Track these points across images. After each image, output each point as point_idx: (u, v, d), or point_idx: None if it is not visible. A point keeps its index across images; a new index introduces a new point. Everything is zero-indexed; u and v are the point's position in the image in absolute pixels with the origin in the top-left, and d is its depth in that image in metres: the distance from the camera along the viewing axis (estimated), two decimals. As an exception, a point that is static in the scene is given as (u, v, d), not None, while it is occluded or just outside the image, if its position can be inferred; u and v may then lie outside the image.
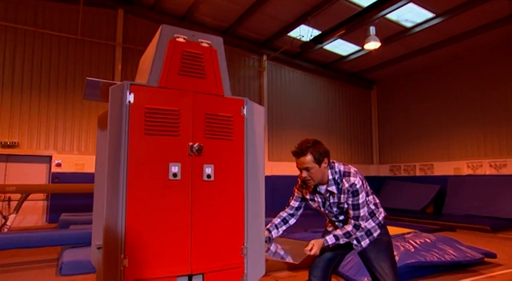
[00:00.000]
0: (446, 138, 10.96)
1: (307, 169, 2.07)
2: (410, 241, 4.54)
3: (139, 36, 9.37)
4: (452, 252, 4.26)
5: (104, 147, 1.94)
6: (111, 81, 1.67)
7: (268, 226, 2.29)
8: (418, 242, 4.46)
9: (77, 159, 8.36)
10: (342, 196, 2.12)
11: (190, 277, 1.62)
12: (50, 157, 8.17)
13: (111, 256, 1.48)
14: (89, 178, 8.07)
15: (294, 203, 2.34)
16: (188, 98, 1.70)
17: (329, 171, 2.12)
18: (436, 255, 4.14)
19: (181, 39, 1.73)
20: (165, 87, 1.65)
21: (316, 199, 2.24)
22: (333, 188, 2.12)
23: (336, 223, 2.29)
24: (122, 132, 1.52)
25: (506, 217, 8.38)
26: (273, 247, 2.17)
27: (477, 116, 10.23)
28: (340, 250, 2.27)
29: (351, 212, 2.11)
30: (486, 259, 4.45)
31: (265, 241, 2.22)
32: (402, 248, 4.21)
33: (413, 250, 4.22)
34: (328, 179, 2.13)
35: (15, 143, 7.78)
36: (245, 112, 1.87)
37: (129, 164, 1.52)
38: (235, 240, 1.75)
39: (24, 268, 4.37)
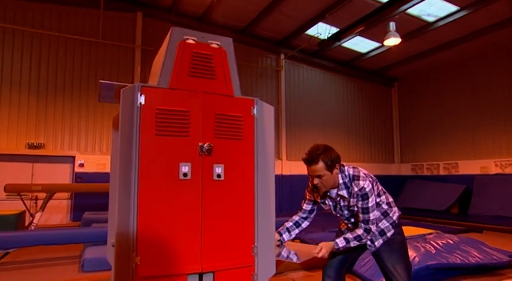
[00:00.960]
0: (472, 136, 10.54)
1: (319, 177, 2.05)
2: (431, 242, 4.40)
3: (158, 38, 9.54)
4: (477, 254, 4.10)
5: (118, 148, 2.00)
6: (123, 84, 1.71)
7: (279, 229, 2.27)
8: (440, 244, 4.32)
9: (98, 159, 8.61)
10: (352, 199, 2.10)
11: (200, 275, 1.63)
12: (73, 157, 8.46)
13: (123, 253, 1.52)
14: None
15: (306, 207, 2.32)
16: (198, 98, 1.72)
17: (339, 175, 2.09)
18: (459, 257, 3.99)
19: (191, 41, 1.75)
20: (175, 88, 1.68)
21: (327, 202, 2.22)
22: (344, 193, 2.11)
23: (349, 225, 2.27)
24: (133, 133, 1.55)
25: (537, 218, 8.01)
26: (284, 252, 2.15)
27: (505, 112, 9.77)
28: (354, 250, 2.24)
29: (361, 215, 2.09)
30: (514, 262, 4.25)
31: (277, 245, 2.21)
32: (423, 249, 4.09)
33: (434, 251, 4.09)
34: (339, 184, 2.11)
35: (41, 144, 8.11)
36: (255, 112, 1.87)
37: (140, 164, 1.55)
38: (246, 239, 1.76)
39: (49, 264, 4.55)
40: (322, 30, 9.66)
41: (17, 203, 6.83)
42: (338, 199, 2.15)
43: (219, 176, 1.71)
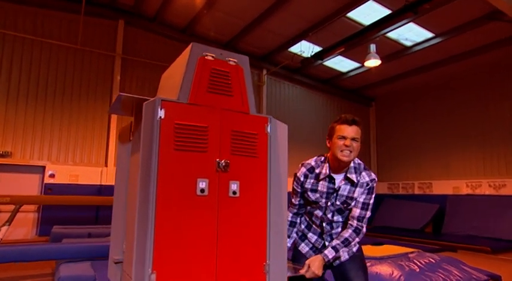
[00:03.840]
0: (446, 157, 11.01)
1: (355, 140, 2.00)
2: (414, 260, 4.50)
3: (139, 47, 9.38)
4: (457, 273, 4.22)
5: (125, 160, 1.95)
6: (137, 96, 1.66)
7: None
8: (423, 262, 4.42)
9: (71, 170, 8.19)
10: (357, 189, 2.04)
11: (215, 296, 1.56)
12: (44, 167, 7.99)
13: (139, 270, 1.47)
14: (83, 189, 7.91)
15: (297, 201, 2.25)
16: (216, 115, 1.71)
17: None
18: (442, 276, 4.09)
19: (210, 58, 1.74)
20: (194, 103, 1.66)
21: (319, 188, 2.10)
22: (353, 176, 2.04)
23: (324, 224, 2.15)
24: (153, 147, 1.52)
25: (507, 238, 8.37)
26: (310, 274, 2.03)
27: (476, 135, 10.32)
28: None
29: (358, 210, 2.02)
30: (491, 281, 4.41)
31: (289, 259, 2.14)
32: (407, 268, 4.16)
33: (418, 270, 4.17)
34: (349, 167, 2.05)
35: (7, 152, 7.60)
36: (269, 130, 1.88)
37: (158, 179, 1.51)
38: (258, 256, 1.73)
39: (17, 283, 4.20)
40: (305, 48, 9.90)
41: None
42: (342, 183, 2.06)
43: (234, 192, 1.70)
